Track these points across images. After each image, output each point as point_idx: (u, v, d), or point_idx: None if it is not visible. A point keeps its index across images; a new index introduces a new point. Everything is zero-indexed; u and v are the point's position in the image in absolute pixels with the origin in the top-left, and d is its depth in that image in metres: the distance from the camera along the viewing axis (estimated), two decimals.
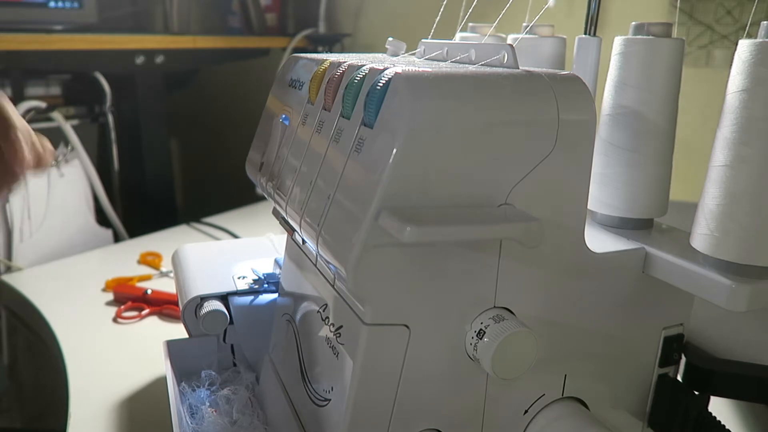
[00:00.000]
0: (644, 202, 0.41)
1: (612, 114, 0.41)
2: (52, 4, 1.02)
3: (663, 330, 0.41)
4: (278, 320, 0.50)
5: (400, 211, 0.29)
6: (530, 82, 0.32)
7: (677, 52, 0.39)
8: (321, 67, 0.39)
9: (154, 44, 1.13)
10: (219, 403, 0.49)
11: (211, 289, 0.53)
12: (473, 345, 0.33)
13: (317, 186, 0.35)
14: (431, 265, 0.32)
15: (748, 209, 0.32)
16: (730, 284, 0.33)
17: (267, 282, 0.55)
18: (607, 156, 0.41)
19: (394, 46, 0.43)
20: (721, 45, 0.97)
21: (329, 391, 0.37)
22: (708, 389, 0.40)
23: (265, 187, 0.44)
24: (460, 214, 0.30)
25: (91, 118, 1.15)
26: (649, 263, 0.38)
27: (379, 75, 0.32)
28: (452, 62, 0.38)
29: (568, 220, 0.35)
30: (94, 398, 0.58)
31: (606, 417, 0.41)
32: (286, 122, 0.43)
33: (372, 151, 0.31)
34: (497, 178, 0.32)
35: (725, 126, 0.33)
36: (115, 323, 0.73)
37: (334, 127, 0.35)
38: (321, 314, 0.40)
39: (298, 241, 0.45)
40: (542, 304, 0.36)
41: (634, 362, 0.41)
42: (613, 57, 0.40)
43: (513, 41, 0.40)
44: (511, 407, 0.37)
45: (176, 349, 0.53)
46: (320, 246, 0.33)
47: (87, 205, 1.09)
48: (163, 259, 0.91)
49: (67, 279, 0.87)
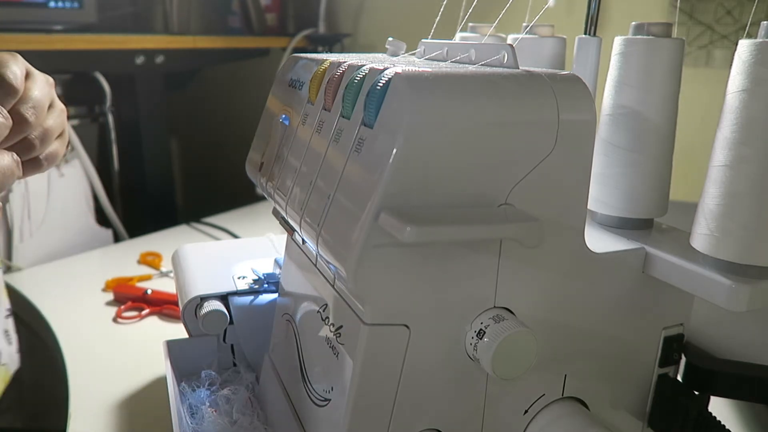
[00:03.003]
0: (644, 202, 0.41)
1: (612, 114, 0.41)
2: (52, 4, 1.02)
3: (663, 330, 0.41)
4: (278, 320, 0.50)
5: (400, 211, 0.29)
6: (530, 82, 0.32)
7: (677, 52, 0.39)
8: (321, 67, 0.39)
9: (154, 44, 1.13)
10: (219, 403, 0.49)
11: (211, 289, 0.53)
12: (473, 345, 0.33)
13: (317, 186, 0.35)
14: (431, 265, 0.32)
15: (747, 209, 0.32)
16: (730, 284, 0.33)
17: (267, 282, 0.55)
18: (607, 156, 0.41)
19: (394, 46, 0.43)
20: (721, 45, 0.97)
21: (329, 391, 0.37)
22: (708, 389, 0.40)
23: (265, 187, 0.44)
24: (460, 214, 0.30)
25: (91, 118, 1.15)
26: (649, 263, 0.38)
27: (379, 75, 0.32)
28: (452, 62, 0.38)
29: (568, 220, 0.35)
30: (94, 398, 0.58)
31: (606, 417, 0.41)
32: (286, 122, 0.43)
33: (372, 151, 0.31)
34: (497, 178, 0.32)
35: (725, 126, 0.33)
36: (115, 323, 0.73)
37: (334, 127, 0.35)
38: (321, 314, 0.40)
39: (298, 241, 0.45)
40: (542, 304, 0.36)
41: (634, 362, 0.41)
42: (613, 57, 0.40)
43: (513, 41, 0.40)
44: (511, 407, 0.37)
45: (176, 349, 0.53)
46: (320, 246, 0.33)
47: (87, 205, 1.09)
48: (163, 259, 0.91)
49: (67, 279, 0.87)
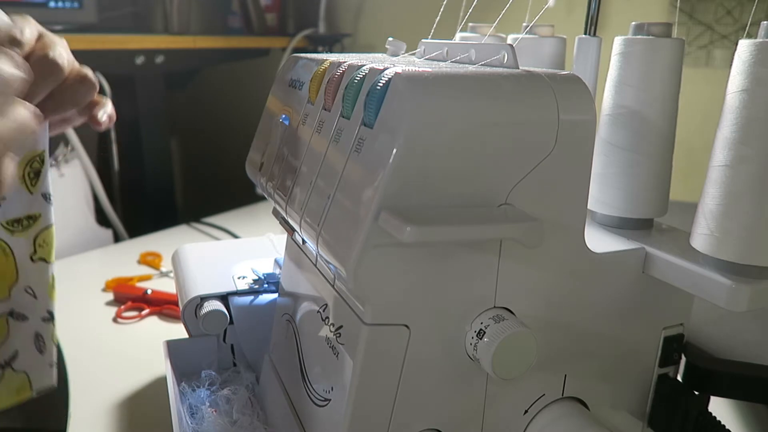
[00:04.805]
0: (644, 202, 0.41)
1: (612, 114, 0.41)
2: (52, 4, 1.02)
3: (663, 330, 0.41)
4: (278, 320, 0.50)
5: (400, 211, 0.29)
6: (530, 82, 0.32)
7: (677, 52, 0.39)
8: (321, 67, 0.39)
9: (154, 44, 1.13)
10: (219, 403, 0.49)
11: (211, 289, 0.53)
12: (473, 345, 0.33)
13: (317, 186, 0.35)
14: (431, 265, 0.32)
15: (748, 209, 0.32)
16: (730, 284, 0.33)
17: (267, 282, 0.55)
18: (607, 156, 0.41)
19: (394, 46, 0.43)
20: (721, 45, 0.97)
21: (329, 391, 0.37)
22: (708, 389, 0.40)
23: (265, 187, 0.44)
24: (460, 214, 0.30)
25: None
26: (649, 263, 0.38)
27: (379, 75, 0.32)
28: (452, 62, 0.38)
29: (568, 220, 0.35)
30: (94, 398, 0.58)
31: (606, 417, 0.41)
32: (286, 122, 0.43)
33: (372, 151, 0.31)
34: (497, 178, 0.32)
35: (725, 126, 0.33)
36: (115, 323, 0.73)
37: (334, 127, 0.35)
38: (321, 314, 0.40)
39: (298, 241, 0.45)
40: (542, 304, 0.36)
41: (634, 362, 0.41)
42: (613, 57, 0.40)
43: (513, 41, 0.40)
44: (511, 407, 0.37)
45: (176, 349, 0.53)
46: (320, 246, 0.33)
47: (87, 205, 1.09)
48: (163, 259, 0.91)
49: (67, 279, 0.87)
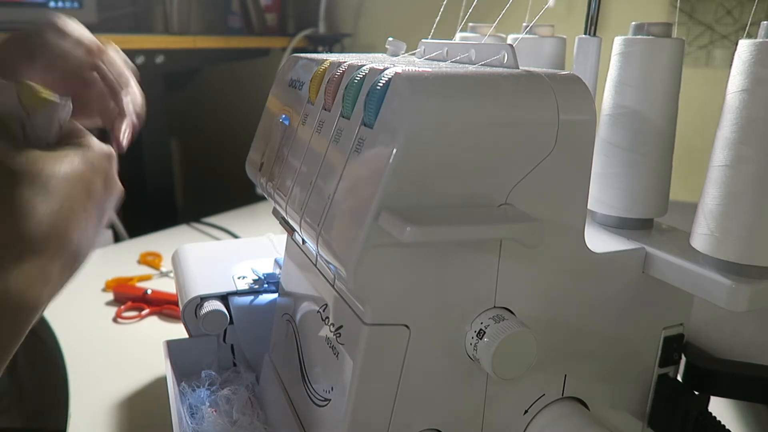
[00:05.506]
0: (644, 202, 0.41)
1: (612, 114, 0.41)
2: (52, 4, 1.02)
3: (663, 330, 0.41)
4: (278, 320, 0.50)
5: (400, 211, 0.29)
6: (530, 82, 0.32)
7: (677, 52, 0.39)
8: (321, 67, 0.39)
9: (154, 44, 1.13)
10: (219, 403, 0.49)
11: (211, 289, 0.53)
12: (473, 345, 0.33)
13: (317, 186, 0.35)
14: (431, 265, 0.32)
15: (748, 209, 0.32)
16: (730, 284, 0.33)
17: (267, 282, 0.55)
18: (607, 156, 0.41)
19: (394, 46, 0.43)
20: (721, 45, 0.97)
21: (329, 391, 0.37)
22: (708, 389, 0.40)
23: (265, 187, 0.44)
24: (460, 214, 0.30)
25: None
26: (649, 263, 0.38)
27: (379, 75, 0.32)
28: (452, 62, 0.38)
29: (568, 220, 0.35)
30: (94, 398, 0.58)
31: (606, 417, 0.41)
32: (286, 122, 0.43)
33: (372, 151, 0.31)
34: (497, 178, 0.32)
35: (725, 126, 0.33)
36: (115, 323, 0.73)
37: (334, 127, 0.35)
38: (321, 314, 0.40)
39: (298, 241, 0.45)
40: (542, 304, 0.36)
41: (635, 362, 0.41)
42: (613, 57, 0.40)
43: (513, 41, 0.40)
44: (511, 407, 0.37)
45: (176, 349, 0.53)
46: (320, 246, 0.33)
47: None
48: (163, 259, 0.91)
49: None
